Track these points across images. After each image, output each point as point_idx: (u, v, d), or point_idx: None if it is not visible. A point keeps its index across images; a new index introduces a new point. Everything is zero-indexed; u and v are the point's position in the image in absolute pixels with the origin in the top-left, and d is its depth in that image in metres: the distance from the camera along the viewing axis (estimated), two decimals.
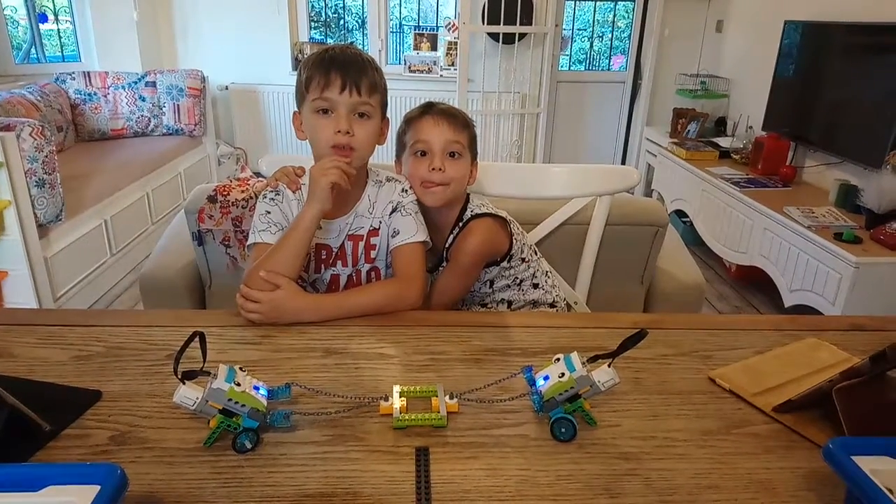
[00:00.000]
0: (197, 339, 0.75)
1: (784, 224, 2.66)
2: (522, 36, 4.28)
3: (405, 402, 0.83)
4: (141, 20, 4.20)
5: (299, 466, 0.73)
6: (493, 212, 1.29)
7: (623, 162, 4.68)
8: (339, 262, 1.24)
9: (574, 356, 0.79)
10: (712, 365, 0.97)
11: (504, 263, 1.31)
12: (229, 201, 1.57)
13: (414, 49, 4.68)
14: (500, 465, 0.74)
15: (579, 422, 0.79)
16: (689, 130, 3.99)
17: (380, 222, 1.23)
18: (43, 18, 4.14)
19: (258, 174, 3.21)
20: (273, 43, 4.50)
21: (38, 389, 0.85)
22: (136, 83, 3.89)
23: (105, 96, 3.81)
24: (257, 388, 0.78)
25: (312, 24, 4.78)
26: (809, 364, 0.96)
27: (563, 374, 0.78)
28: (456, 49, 4.36)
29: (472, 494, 0.70)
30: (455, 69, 4.38)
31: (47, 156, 2.42)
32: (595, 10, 4.98)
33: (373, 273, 1.26)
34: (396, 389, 0.85)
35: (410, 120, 1.28)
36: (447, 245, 1.29)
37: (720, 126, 4.03)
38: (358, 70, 1.12)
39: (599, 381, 0.78)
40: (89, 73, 3.81)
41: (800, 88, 3.24)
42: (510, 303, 1.36)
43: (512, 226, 1.33)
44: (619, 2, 4.87)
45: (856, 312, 2.27)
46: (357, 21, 4.98)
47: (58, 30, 4.26)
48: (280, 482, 0.71)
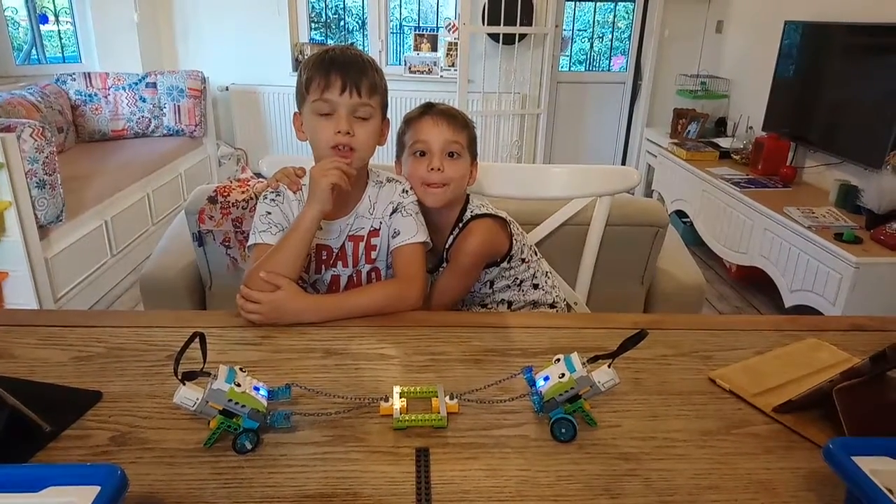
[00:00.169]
0: (197, 340, 0.75)
1: (784, 224, 2.66)
2: (522, 37, 4.29)
3: (405, 403, 0.83)
4: (141, 21, 4.21)
5: (299, 467, 0.73)
6: (493, 212, 1.29)
7: (623, 162, 4.68)
8: (340, 263, 1.24)
9: (574, 357, 0.79)
10: (712, 365, 0.97)
11: (504, 264, 1.31)
12: (230, 202, 1.57)
13: (414, 50, 4.68)
14: (501, 466, 0.74)
15: (579, 422, 0.80)
16: (690, 131, 3.99)
17: (380, 223, 1.23)
18: (43, 19, 4.14)
19: (258, 175, 3.21)
20: (273, 44, 4.50)
21: (39, 390, 0.85)
22: (137, 84, 3.90)
23: (105, 97, 3.81)
24: (257, 389, 0.78)
25: (313, 25, 4.78)
26: (810, 364, 0.96)
27: (564, 375, 0.78)
28: (456, 50, 4.37)
29: (473, 495, 0.70)
30: (455, 70, 4.38)
31: (48, 157, 2.43)
32: (595, 11, 4.98)
33: (373, 274, 1.26)
34: (397, 390, 0.85)
35: (410, 120, 1.28)
36: (447, 246, 1.29)
37: (720, 126, 4.03)
38: (358, 71, 1.12)
39: (599, 382, 0.78)
40: (90, 74, 3.81)
41: (800, 89, 3.25)
42: (510, 303, 1.36)
43: (512, 226, 1.33)
44: (619, 2, 4.87)
45: (856, 313, 2.27)
46: (357, 22, 4.98)
47: (58, 31, 4.26)
48: (280, 483, 0.71)
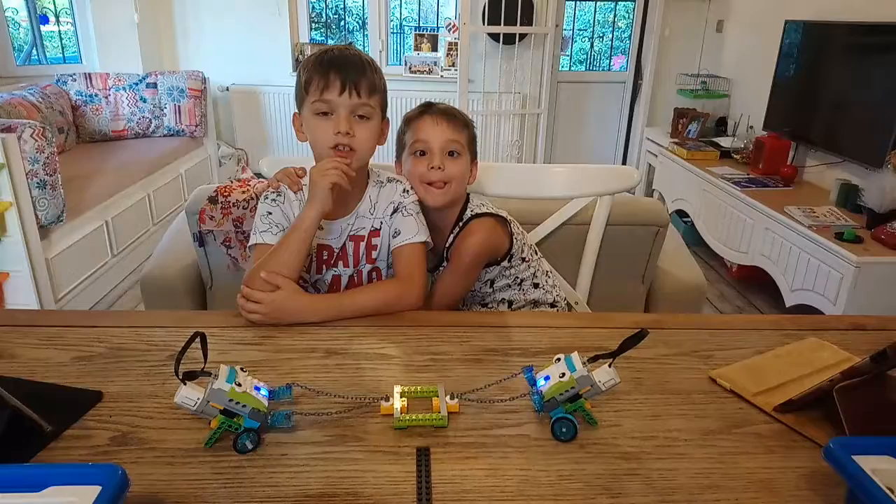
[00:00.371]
0: (198, 340, 0.75)
1: (785, 224, 2.66)
2: (523, 36, 4.28)
3: (406, 403, 0.83)
4: (142, 21, 4.21)
5: (300, 467, 0.74)
6: (494, 211, 1.29)
7: (624, 162, 4.68)
8: (341, 263, 1.24)
9: (575, 356, 0.79)
10: (713, 365, 0.97)
11: (504, 263, 1.31)
12: (230, 202, 1.57)
13: (414, 50, 4.68)
14: (501, 465, 0.74)
15: (580, 422, 0.80)
16: (690, 130, 3.99)
17: (381, 223, 1.23)
18: (44, 20, 4.15)
19: (259, 175, 3.21)
20: (274, 44, 4.50)
21: (40, 390, 0.85)
22: (137, 84, 3.90)
23: (106, 98, 3.81)
24: (258, 389, 0.78)
25: (313, 25, 4.78)
26: (810, 364, 0.96)
27: (564, 374, 0.78)
28: (456, 50, 4.37)
29: (473, 494, 0.70)
30: (456, 70, 4.38)
31: (48, 157, 2.43)
32: (595, 11, 4.98)
33: (374, 273, 1.26)
34: (397, 390, 0.85)
35: (410, 120, 1.28)
36: (447, 245, 1.29)
37: (721, 126, 4.02)
38: (357, 71, 1.12)
39: (600, 381, 0.78)
40: (90, 75, 3.81)
41: (800, 88, 3.24)
42: (511, 302, 1.36)
43: (512, 225, 1.33)
44: (620, 2, 4.87)
45: (857, 312, 2.27)
46: (357, 22, 4.98)
47: (59, 31, 4.26)
48: (281, 482, 0.71)
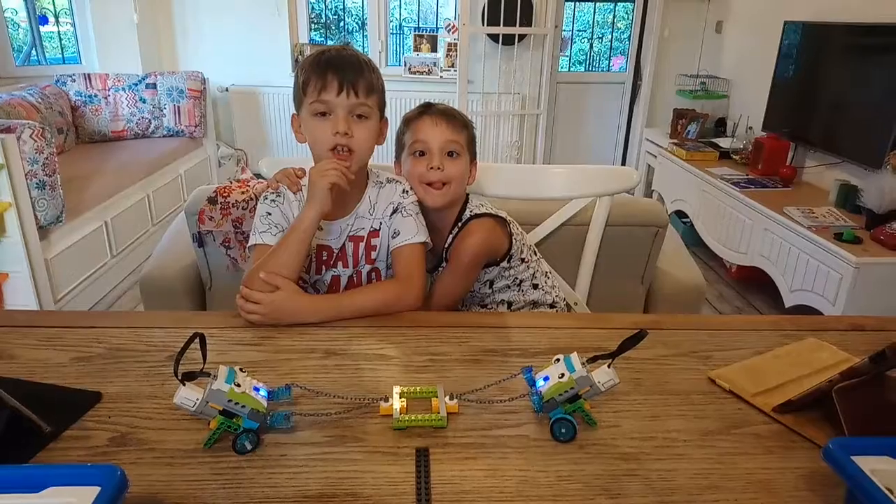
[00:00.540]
0: (197, 341, 0.75)
1: (784, 224, 2.66)
2: (522, 37, 4.29)
3: (405, 403, 0.83)
4: (141, 22, 4.21)
5: (299, 467, 0.73)
6: (493, 212, 1.29)
7: (623, 163, 4.68)
8: (340, 264, 1.24)
9: (574, 357, 0.79)
10: (712, 365, 0.97)
11: (504, 264, 1.31)
12: (229, 203, 1.57)
13: (414, 50, 4.68)
14: (501, 466, 0.74)
15: (579, 422, 0.80)
16: (689, 131, 3.99)
17: (380, 223, 1.23)
18: (43, 20, 4.15)
19: (258, 176, 3.20)
20: (273, 44, 4.50)
21: (39, 391, 0.85)
22: (137, 85, 3.90)
23: (105, 98, 3.81)
24: (257, 390, 0.78)
25: (312, 26, 4.78)
26: (809, 364, 0.96)
27: (563, 375, 0.78)
28: (456, 50, 4.37)
29: (473, 495, 0.70)
30: (455, 70, 4.38)
31: (48, 157, 2.43)
32: (595, 12, 4.98)
33: (373, 274, 1.26)
34: (396, 390, 0.85)
35: (409, 120, 1.28)
36: (446, 245, 1.29)
37: (720, 126, 4.03)
38: (355, 71, 1.12)
39: (599, 382, 0.78)
40: (90, 75, 3.81)
41: (800, 89, 3.24)
42: (510, 303, 1.36)
43: (511, 226, 1.33)
44: (619, 3, 4.87)
45: (856, 312, 2.27)
46: (357, 22, 4.98)
47: (58, 32, 4.26)
48: (280, 483, 0.71)
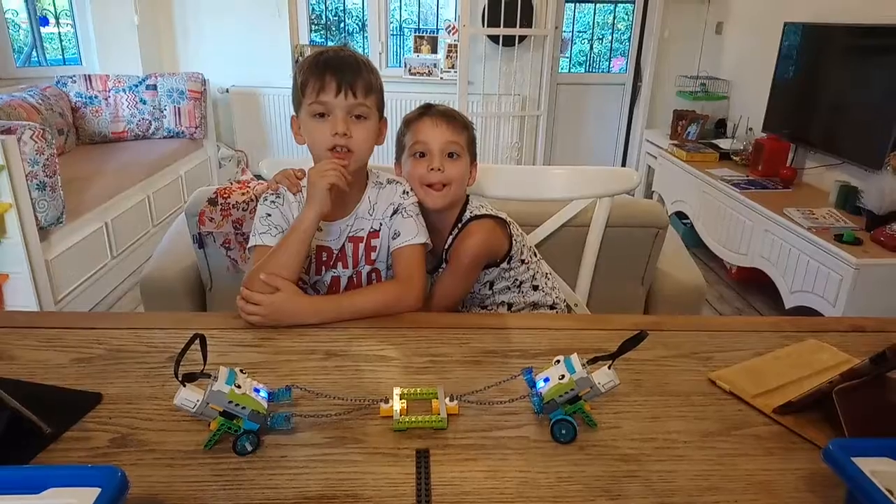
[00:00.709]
0: (197, 342, 0.75)
1: (784, 226, 2.66)
2: (522, 38, 4.29)
3: (405, 405, 0.83)
4: (141, 23, 4.21)
5: (300, 468, 0.73)
6: (493, 213, 1.29)
7: (623, 164, 4.68)
8: (340, 264, 1.24)
9: (574, 358, 0.79)
10: (712, 366, 0.97)
11: (504, 265, 1.31)
12: (230, 204, 1.57)
13: (414, 52, 4.68)
14: (501, 467, 0.74)
15: (579, 423, 0.80)
16: (690, 132, 3.99)
17: (380, 224, 1.23)
18: (44, 22, 4.15)
19: (259, 177, 3.20)
20: (273, 45, 4.50)
21: (39, 392, 0.85)
22: (137, 86, 3.90)
23: (106, 99, 3.81)
24: (258, 391, 0.78)
25: (313, 27, 4.79)
26: (810, 365, 0.96)
27: (564, 376, 0.78)
28: (456, 51, 4.37)
29: (473, 496, 0.70)
30: (455, 72, 4.39)
31: (48, 159, 2.43)
32: (595, 13, 4.98)
33: (373, 274, 1.26)
34: (396, 392, 0.85)
35: (409, 122, 1.28)
36: (446, 246, 1.29)
37: (720, 128, 4.03)
38: (353, 72, 1.12)
39: (599, 383, 0.78)
40: (90, 77, 3.81)
41: (800, 90, 3.25)
42: (510, 305, 1.36)
43: (511, 227, 1.33)
44: (619, 4, 4.87)
45: (856, 314, 2.27)
46: (357, 24, 4.98)
47: (59, 33, 4.27)
48: (280, 484, 0.71)
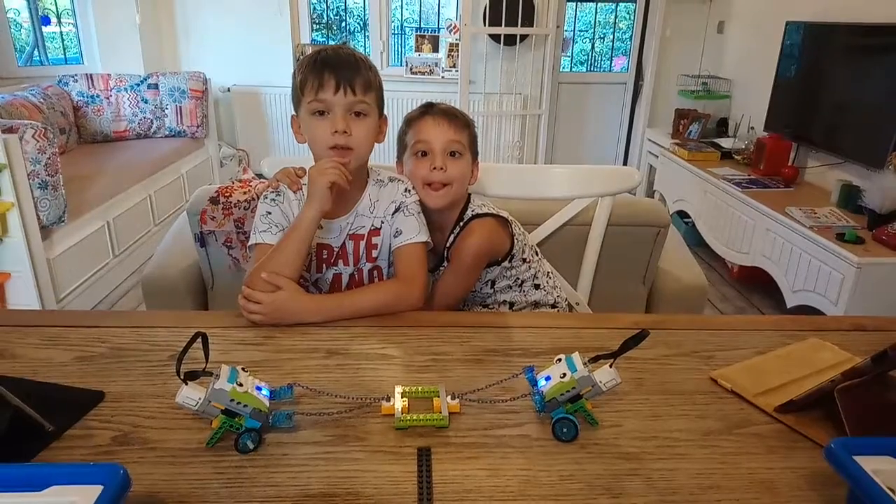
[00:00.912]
0: (199, 340, 0.75)
1: (786, 225, 2.66)
2: (524, 37, 4.29)
3: (407, 403, 0.83)
4: (143, 22, 4.21)
5: (301, 466, 0.74)
6: (495, 212, 1.29)
7: (625, 163, 4.68)
8: (341, 262, 1.24)
9: (575, 356, 0.79)
10: (714, 365, 0.97)
11: (505, 263, 1.31)
12: (231, 203, 1.57)
13: (415, 51, 4.68)
14: (502, 466, 0.74)
15: (581, 422, 0.80)
16: (691, 131, 3.99)
17: (381, 222, 1.24)
18: (46, 21, 4.15)
19: (260, 176, 3.21)
20: (275, 45, 4.50)
21: (42, 390, 0.85)
22: (139, 85, 3.90)
23: (107, 98, 3.82)
24: (259, 389, 0.78)
25: (314, 26, 4.79)
26: (811, 364, 0.96)
27: (565, 375, 0.78)
28: (457, 51, 4.37)
29: (474, 494, 0.70)
30: (456, 71, 4.39)
31: (50, 158, 2.43)
32: (596, 12, 4.98)
33: (375, 272, 1.26)
34: (398, 390, 0.85)
35: (411, 120, 1.28)
36: (448, 245, 1.29)
37: (722, 127, 4.02)
38: (351, 69, 1.12)
39: (601, 382, 0.78)
40: (92, 76, 3.82)
41: (801, 89, 3.24)
42: (511, 304, 1.36)
43: (513, 226, 1.33)
44: (621, 3, 4.87)
45: (858, 313, 2.26)
46: (358, 23, 4.98)
47: (60, 32, 4.27)
48: (282, 482, 0.71)
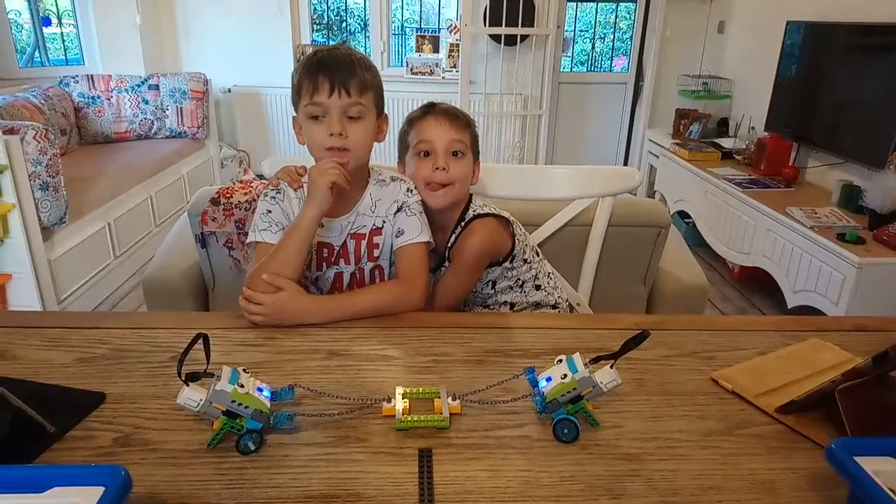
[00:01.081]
0: (200, 341, 0.75)
1: (787, 225, 2.66)
2: (524, 38, 4.29)
3: (408, 404, 0.83)
4: (144, 23, 4.22)
5: (302, 468, 0.74)
6: (496, 212, 1.29)
7: (625, 163, 4.68)
8: (342, 261, 1.24)
9: (576, 357, 0.79)
10: (715, 366, 0.97)
11: (506, 264, 1.31)
12: (232, 203, 1.57)
13: (416, 51, 4.68)
14: (503, 466, 0.74)
15: (582, 423, 0.80)
16: (692, 131, 3.99)
17: (383, 221, 1.23)
18: (46, 22, 4.15)
19: (261, 176, 3.21)
20: (276, 45, 4.51)
21: (43, 391, 0.86)
22: (140, 86, 3.91)
23: (108, 99, 3.82)
24: (261, 390, 0.78)
25: (315, 27, 4.79)
26: (812, 365, 0.96)
27: (566, 376, 0.78)
28: (458, 51, 4.37)
29: (475, 495, 0.70)
30: (457, 71, 4.39)
31: (51, 159, 2.43)
32: (597, 12, 4.98)
33: (376, 271, 1.26)
34: (399, 391, 0.85)
35: (413, 120, 1.28)
36: (449, 245, 1.29)
37: (722, 127, 4.02)
38: (346, 71, 1.11)
39: (602, 383, 0.78)
40: (93, 77, 3.82)
41: (802, 89, 3.24)
42: (512, 305, 1.36)
43: (514, 226, 1.33)
44: (621, 3, 4.87)
45: (859, 313, 2.26)
46: (359, 23, 4.99)
47: (61, 33, 4.28)
48: (283, 483, 0.71)
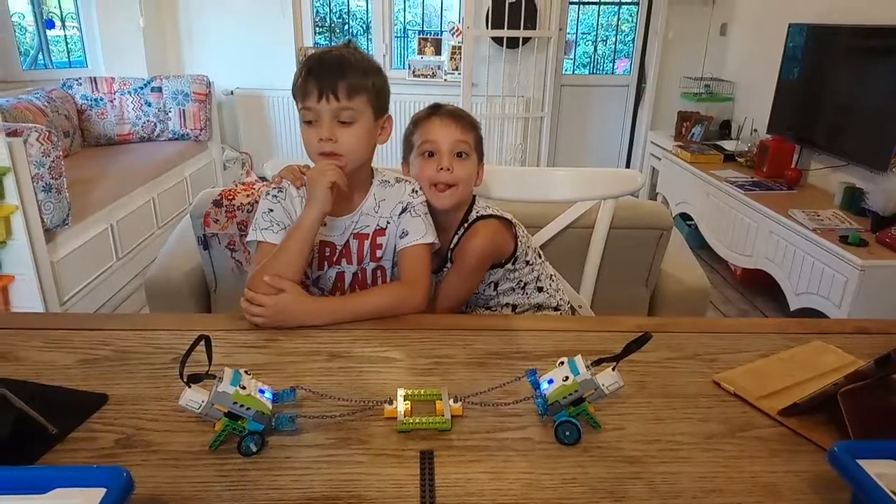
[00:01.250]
0: (202, 343, 0.75)
1: (789, 227, 2.65)
2: (526, 40, 4.29)
3: (409, 406, 0.83)
4: (147, 26, 4.23)
5: (304, 469, 0.74)
6: (499, 213, 1.29)
7: (627, 165, 4.68)
8: (344, 260, 1.24)
9: (578, 359, 0.79)
10: (717, 368, 0.97)
11: (509, 266, 1.31)
12: (234, 205, 1.57)
13: (418, 54, 4.69)
14: (505, 469, 0.74)
15: (584, 425, 0.79)
16: (694, 133, 3.99)
17: (387, 222, 1.23)
18: (50, 24, 4.17)
19: (263, 178, 3.21)
20: (278, 47, 4.52)
21: (45, 393, 0.86)
22: (142, 88, 3.92)
23: (111, 102, 3.83)
24: (262, 392, 0.78)
25: (317, 29, 4.80)
26: (814, 367, 0.96)
27: (568, 378, 0.78)
28: (460, 53, 4.37)
29: (477, 497, 0.70)
30: (459, 73, 4.39)
31: (54, 161, 2.44)
32: (599, 14, 4.98)
33: (378, 272, 1.26)
34: (401, 393, 0.85)
35: (418, 121, 1.28)
36: (451, 246, 1.29)
37: (725, 129, 4.02)
38: (335, 75, 1.09)
39: (604, 385, 0.78)
40: (96, 79, 3.83)
41: (804, 91, 3.24)
42: (514, 306, 1.36)
43: (517, 228, 1.33)
44: (623, 6, 4.87)
45: (861, 316, 2.26)
46: (361, 26, 5.00)
47: (65, 36, 4.29)
48: (285, 485, 0.71)
